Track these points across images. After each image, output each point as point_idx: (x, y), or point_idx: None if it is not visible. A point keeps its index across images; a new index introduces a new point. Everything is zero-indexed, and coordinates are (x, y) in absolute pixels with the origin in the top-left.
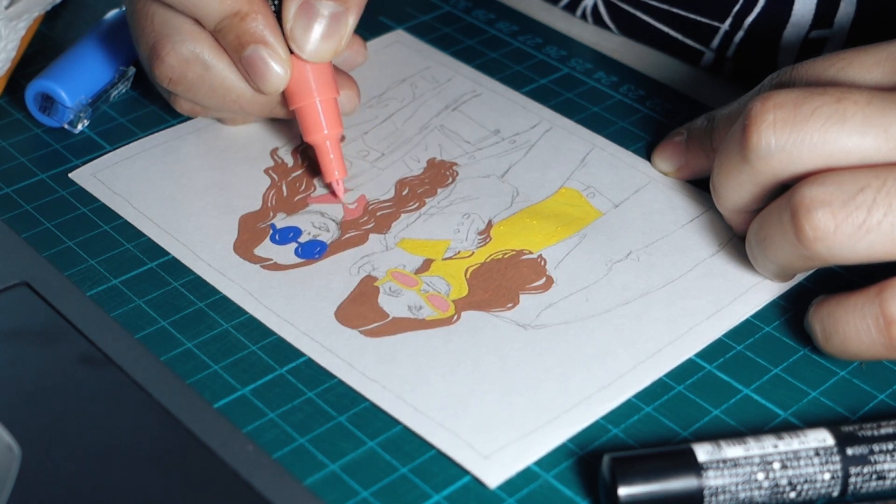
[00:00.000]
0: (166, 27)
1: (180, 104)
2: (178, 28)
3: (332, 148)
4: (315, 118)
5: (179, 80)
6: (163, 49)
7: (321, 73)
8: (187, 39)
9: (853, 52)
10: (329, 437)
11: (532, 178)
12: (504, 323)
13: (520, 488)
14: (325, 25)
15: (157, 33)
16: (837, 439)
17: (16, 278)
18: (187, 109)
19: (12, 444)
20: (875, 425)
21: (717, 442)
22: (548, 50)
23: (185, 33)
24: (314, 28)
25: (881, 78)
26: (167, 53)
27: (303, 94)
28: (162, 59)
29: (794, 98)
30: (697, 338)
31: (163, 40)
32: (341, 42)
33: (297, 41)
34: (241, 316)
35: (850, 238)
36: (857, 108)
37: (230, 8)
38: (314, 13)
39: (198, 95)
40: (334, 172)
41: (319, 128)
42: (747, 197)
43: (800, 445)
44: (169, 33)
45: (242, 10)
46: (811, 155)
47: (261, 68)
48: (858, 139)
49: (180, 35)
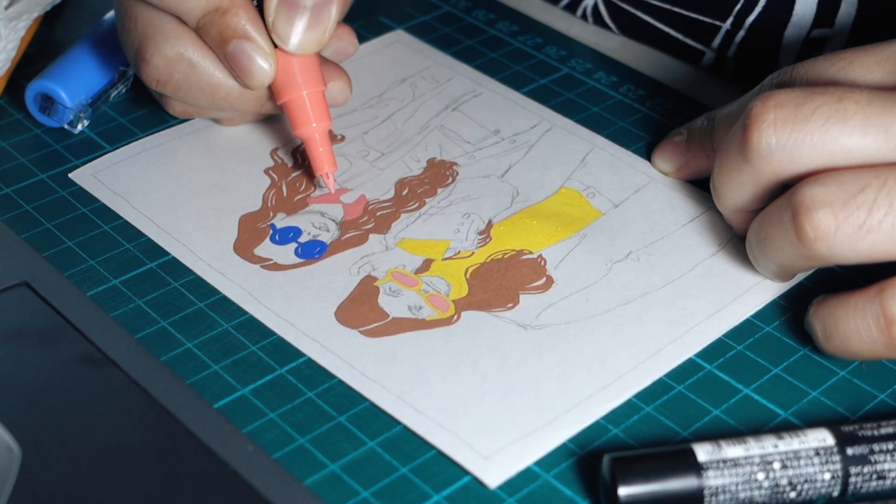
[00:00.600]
0: (150, 28)
1: (172, 106)
2: (160, 28)
3: (322, 141)
4: (303, 112)
5: (167, 80)
6: (147, 51)
7: (307, 65)
8: (171, 39)
9: (853, 51)
10: (329, 437)
11: (532, 178)
12: (504, 323)
13: (520, 488)
14: (307, 17)
15: (141, 34)
16: (838, 439)
17: (16, 278)
18: (180, 111)
19: (12, 444)
20: (875, 425)
21: (717, 442)
22: (548, 50)
23: (167, 33)
24: (297, 20)
25: (882, 78)
26: (151, 55)
27: (289, 88)
28: (147, 60)
29: (794, 98)
30: (697, 338)
31: (147, 42)
32: (325, 33)
33: (279, 34)
34: (241, 316)
35: (851, 238)
36: (857, 107)
37: (211, 4)
38: (296, 5)
39: (187, 96)
40: (324, 166)
41: (308, 121)
42: (747, 196)
43: (800, 445)
44: (152, 34)
45: (223, 6)
46: (812, 154)
47: (245, 64)
48: (859, 139)
49: (163, 35)
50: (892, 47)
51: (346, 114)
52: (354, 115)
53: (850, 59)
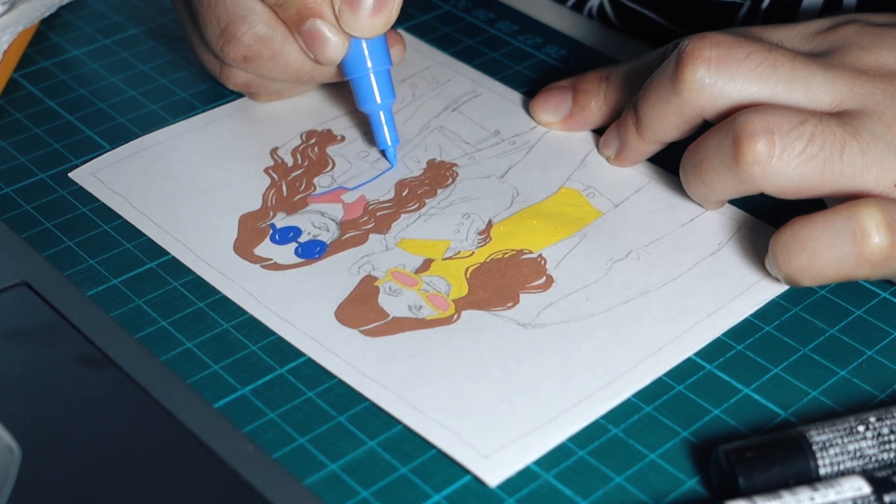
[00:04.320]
0: (239, 7)
1: (235, 78)
2: (251, 8)
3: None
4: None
5: (255, 56)
6: (239, 29)
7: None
8: (262, 19)
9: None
10: (329, 437)
11: (532, 178)
12: (504, 322)
13: (520, 488)
14: (373, 1)
15: (230, 13)
16: (874, 486)
17: (16, 278)
18: (242, 83)
19: (12, 444)
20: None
21: (751, 498)
22: (548, 50)
23: (259, 13)
24: (362, 5)
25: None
26: (244, 33)
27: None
28: (238, 38)
29: (729, 40)
30: (697, 336)
31: (237, 21)
32: (391, 15)
33: (346, 20)
34: (241, 316)
35: (787, 165)
36: (785, 59)
37: None
38: None
39: (271, 71)
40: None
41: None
42: (669, 128)
43: (836, 496)
44: (244, 14)
45: None
46: (739, 95)
47: (320, 41)
48: (784, 87)
49: (256, 15)
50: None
51: (346, 114)
52: (354, 115)
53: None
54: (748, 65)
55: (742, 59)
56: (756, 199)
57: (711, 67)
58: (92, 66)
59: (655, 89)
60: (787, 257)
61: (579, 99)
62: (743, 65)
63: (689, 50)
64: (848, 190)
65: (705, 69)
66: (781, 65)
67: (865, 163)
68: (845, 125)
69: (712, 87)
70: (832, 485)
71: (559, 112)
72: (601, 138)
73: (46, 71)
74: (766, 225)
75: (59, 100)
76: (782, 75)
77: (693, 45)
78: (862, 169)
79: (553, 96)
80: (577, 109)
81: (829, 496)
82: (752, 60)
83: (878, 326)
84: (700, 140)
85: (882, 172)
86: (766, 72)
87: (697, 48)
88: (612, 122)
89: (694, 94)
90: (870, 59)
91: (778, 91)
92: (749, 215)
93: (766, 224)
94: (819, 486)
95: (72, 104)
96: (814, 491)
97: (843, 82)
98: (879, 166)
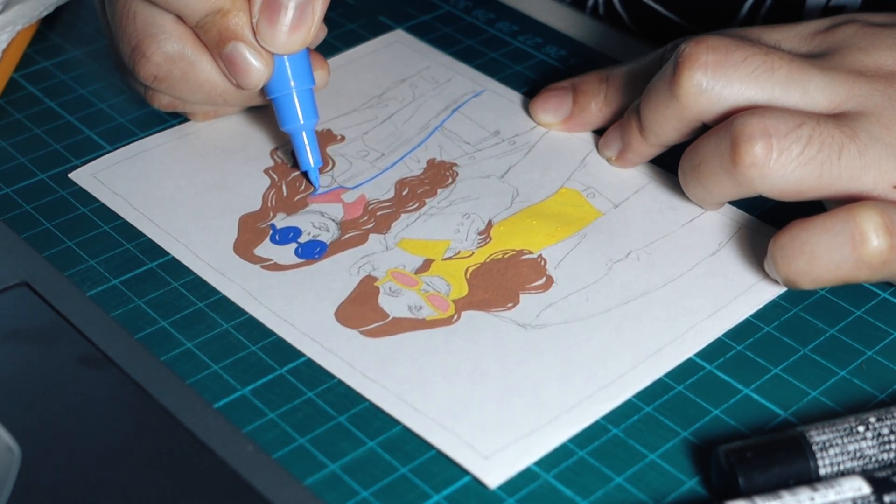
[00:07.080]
0: (150, 26)
1: (158, 99)
2: (162, 26)
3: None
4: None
5: (165, 77)
6: (148, 48)
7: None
8: (172, 37)
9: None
10: (329, 437)
11: (532, 178)
12: (504, 323)
13: (520, 488)
14: (291, 17)
15: (140, 32)
16: (874, 487)
17: (16, 278)
18: (166, 104)
19: (12, 444)
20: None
21: (751, 498)
22: (548, 50)
23: (169, 31)
24: (280, 21)
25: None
26: (153, 52)
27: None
28: (148, 57)
29: (727, 43)
30: (697, 337)
31: (147, 39)
32: (310, 32)
33: (263, 35)
34: (241, 316)
35: (784, 168)
36: (783, 62)
37: (213, 5)
38: (279, 5)
39: (182, 91)
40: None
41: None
42: (671, 131)
43: (836, 497)
44: (154, 32)
45: (225, 7)
46: (737, 99)
47: (241, 65)
48: (782, 91)
49: (165, 33)
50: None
51: (346, 114)
52: (354, 116)
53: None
54: (745, 68)
55: (739, 62)
56: (756, 200)
57: (709, 72)
58: (92, 66)
59: (655, 94)
60: (786, 261)
61: (579, 100)
62: (740, 68)
63: (687, 54)
64: (846, 192)
65: (702, 74)
66: (779, 67)
67: (863, 165)
68: (843, 127)
69: (710, 92)
70: (832, 485)
71: (559, 113)
72: (601, 139)
73: (46, 71)
74: (766, 225)
75: (59, 100)
76: (780, 78)
77: (690, 49)
78: (860, 171)
79: (553, 97)
80: (577, 110)
81: (829, 496)
82: (749, 64)
83: (878, 327)
84: (698, 143)
85: (880, 174)
86: (764, 75)
87: (695, 52)
88: (612, 122)
89: (692, 99)
90: (868, 60)
91: (775, 94)
92: (749, 216)
93: (766, 224)
94: (819, 486)
95: (72, 104)
96: (814, 491)
97: (840, 84)
98: (878, 168)
